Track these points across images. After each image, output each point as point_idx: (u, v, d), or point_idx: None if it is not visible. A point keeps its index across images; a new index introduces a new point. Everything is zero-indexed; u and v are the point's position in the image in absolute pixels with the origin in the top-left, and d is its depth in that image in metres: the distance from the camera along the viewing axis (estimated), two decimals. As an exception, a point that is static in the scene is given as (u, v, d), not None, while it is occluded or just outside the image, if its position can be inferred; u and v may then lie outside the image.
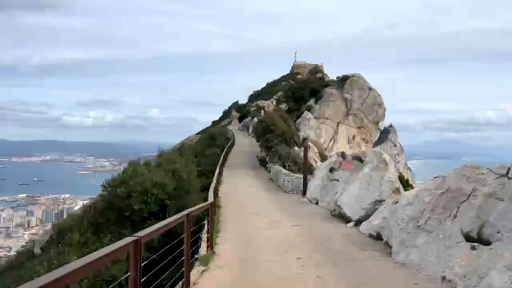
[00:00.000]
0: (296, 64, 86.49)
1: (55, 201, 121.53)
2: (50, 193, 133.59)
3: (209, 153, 40.96)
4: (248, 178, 25.23)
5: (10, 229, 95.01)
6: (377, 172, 11.51)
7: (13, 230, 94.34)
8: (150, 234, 4.25)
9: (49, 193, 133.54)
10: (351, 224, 11.22)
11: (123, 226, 11.79)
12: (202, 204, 7.80)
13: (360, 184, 11.83)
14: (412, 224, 7.68)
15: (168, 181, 12.63)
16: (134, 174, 12.34)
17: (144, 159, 14.74)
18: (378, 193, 10.91)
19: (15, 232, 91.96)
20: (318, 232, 10.46)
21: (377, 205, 10.84)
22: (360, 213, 11.19)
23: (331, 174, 15.80)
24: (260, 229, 10.98)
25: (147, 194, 11.86)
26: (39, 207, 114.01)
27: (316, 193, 16.08)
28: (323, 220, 12.13)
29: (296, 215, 13.22)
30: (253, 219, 12.54)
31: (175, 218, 5.90)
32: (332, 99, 46.92)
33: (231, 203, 16.33)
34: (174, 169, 13.40)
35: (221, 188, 21.12)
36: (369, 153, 14.08)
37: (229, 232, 10.75)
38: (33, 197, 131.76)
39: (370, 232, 9.82)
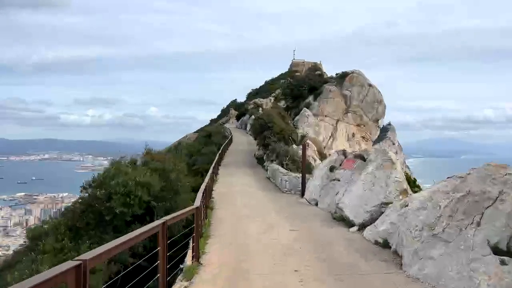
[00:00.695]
0: (295, 62, 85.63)
1: (53, 200, 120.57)
2: (48, 192, 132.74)
3: (206, 151, 39.95)
4: (244, 177, 24.25)
5: (9, 228, 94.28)
6: (383, 171, 10.52)
7: (11, 228, 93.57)
8: (100, 256, 3.25)
9: (48, 192, 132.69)
10: (354, 228, 10.23)
11: (104, 231, 10.79)
12: (186, 209, 6.82)
13: (364, 185, 10.84)
14: (426, 232, 6.69)
15: (154, 181, 11.60)
16: (117, 174, 11.32)
17: (130, 157, 13.75)
18: (384, 194, 9.92)
19: (13, 230, 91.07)
20: (318, 238, 9.47)
21: (383, 208, 9.85)
22: (364, 216, 10.20)
23: (332, 173, 14.81)
24: (255, 235, 9.99)
25: (130, 196, 10.83)
26: (38, 206, 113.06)
27: (315, 194, 15.09)
28: (323, 224, 11.14)
29: (294, 217, 12.23)
30: (247, 223, 11.55)
31: (146, 228, 4.88)
32: (331, 96, 45.89)
33: (225, 204, 15.35)
34: (161, 168, 12.35)
35: (216, 188, 20.14)
36: (373, 150, 13.09)
37: (220, 238, 9.76)
38: (32, 196, 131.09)
39: (376, 238, 8.83)
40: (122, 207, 10.65)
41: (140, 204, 11.10)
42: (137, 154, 14.00)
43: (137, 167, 12.35)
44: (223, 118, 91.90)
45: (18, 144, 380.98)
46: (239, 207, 14.50)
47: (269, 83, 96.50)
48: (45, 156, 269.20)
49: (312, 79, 47.65)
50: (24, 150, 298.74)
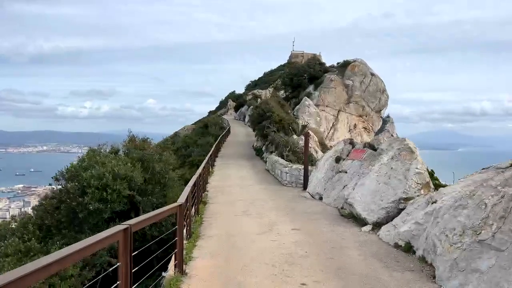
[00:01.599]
0: (294, 53, 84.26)
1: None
2: (47, 184, 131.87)
3: (202, 142, 38.49)
4: (242, 169, 22.84)
5: (7, 220, 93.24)
6: (400, 161, 9.08)
7: (9, 221, 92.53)
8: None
9: (46, 184, 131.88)
10: (367, 227, 8.81)
11: (80, 230, 9.36)
12: (163, 208, 5.39)
13: (378, 178, 9.41)
14: (469, 237, 5.26)
15: (136, 173, 10.14)
16: (91, 164, 9.85)
17: (111, 145, 12.27)
18: (403, 188, 8.48)
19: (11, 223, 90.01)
20: (326, 240, 8.05)
21: (401, 204, 8.43)
22: (378, 214, 8.78)
23: (338, 164, 13.38)
24: (252, 235, 8.57)
25: (107, 190, 9.38)
26: (36, 198, 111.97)
27: (319, 187, 13.67)
28: (331, 222, 9.72)
29: (297, 214, 10.82)
30: (244, 220, 10.14)
31: (101, 237, 3.44)
32: (332, 85, 44.25)
33: (220, 198, 13.94)
34: (145, 158, 10.86)
35: (211, 180, 18.75)
36: (385, 139, 11.64)
37: (211, 239, 8.34)
38: (30, 188, 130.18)
39: (396, 240, 7.42)
40: (98, 203, 9.21)
41: (119, 199, 9.65)
42: (119, 142, 12.54)
43: (119, 157, 10.90)
44: (221, 109, 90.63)
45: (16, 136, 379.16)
46: (235, 202, 13.08)
47: (268, 74, 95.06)
48: (43, 148, 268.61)
49: (313, 68, 45.95)
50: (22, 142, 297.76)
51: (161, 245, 8.24)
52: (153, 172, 11.17)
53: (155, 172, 11.24)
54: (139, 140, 12.78)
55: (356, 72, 45.52)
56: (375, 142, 12.10)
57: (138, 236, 11.20)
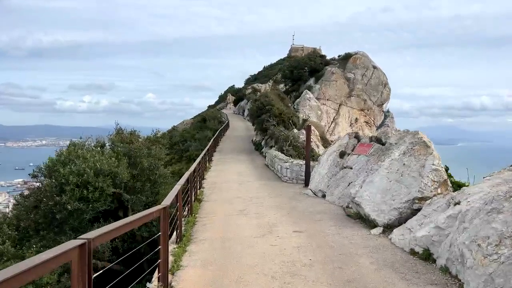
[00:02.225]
0: (294, 47, 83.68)
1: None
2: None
3: (200, 136, 37.58)
4: (240, 164, 22.00)
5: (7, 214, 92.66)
6: (414, 157, 8.20)
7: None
8: None
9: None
10: (377, 230, 7.94)
11: (61, 231, 8.50)
12: (141, 214, 4.51)
13: (388, 175, 8.53)
14: (508, 247, 4.39)
15: (121, 169, 9.25)
16: (71, 159, 8.94)
17: (96, 139, 11.35)
18: (418, 187, 7.61)
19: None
20: (332, 245, 7.19)
21: (415, 205, 7.57)
22: (389, 215, 7.92)
23: (342, 160, 12.51)
24: (250, 239, 7.72)
25: (88, 188, 8.50)
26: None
27: (322, 184, 12.80)
28: (336, 223, 8.86)
29: (298, 214, 9.97)
30: (241, 221, 9.28)
31: (45, 258, 2.57)
32: (333, 78, 43.24)
33: (217, 195, 13.09)
34: (132, 153, 9.96)
35: (208, 176, 17.92)
36: (394, 132, 10.76)
37: (204, 243, 7.49)
38: (30, 182, 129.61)
39: (412, 246, 6.55)
40: (77, 202, 8.33)
41: (103, 198, 8.77)
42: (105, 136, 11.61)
43: (103, 152, 10.00)
44: (220, 104, 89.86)
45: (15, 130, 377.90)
46: (233, 199, 12.23)
47: (267, 68, 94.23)
48: (42, 142, 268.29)
49: (313, 60, 44.92)
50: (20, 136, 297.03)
51: (154, 246, 7.40)
52: (142, 168, 10.30)
53: (144, 168, 10.36)
54: (127, 133, 11.85)
55: (358, 65, 44.52)
56: (382, 135, 11.22)
57: (127, 236, 10.38)
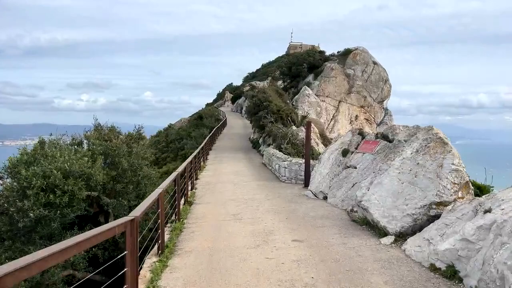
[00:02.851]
0: (292, 45, 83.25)
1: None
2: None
3: (196, 134, 36.55)
4: (237, 163, 21.01)
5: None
6: (429, 155, 7.21)
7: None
8: None
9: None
10: (388, 239, 6.95)
11: (29, 241, 7.49)
12: (97, 230, 3.50)
13: (400, 175, 7.54)
14: None
15: (96, 170, 8.22)
16: (37, 159, 7.90)
17: (71, 136, 10.32)
18: (436, 190, 6.62)
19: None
20: (338, 258, 6.19)
21: (433, 210, 6.59)
22: (403, 222, 6.93)
23: (345, 158, 11.53)
24: (243, 250, 6.72)
25: (55, 192, 7.48)
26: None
27: (323, 185, 11.82)
28: (341, 230, 7.87)
29: (298, 219, 8.97)
30: (234, 228, 8.29)
31: None
32: (333, 74, 42.19)
33: (210, 197, 12.11)
34: (106, 151, 8.90)
35: (202, 176, 16.94)
36: (404, 128, 9.78)
37: (189, 256, 6.49)
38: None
39: (432, 261, 5.56)
40: (43, 209, 7.31)
41: (75, 203, 7.75)
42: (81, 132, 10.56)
43: (77, 151, 8.96)
44: (218, 101, 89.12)
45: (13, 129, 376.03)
46: (226, 202, 11.24)
47: (266, 66, 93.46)
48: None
49: (312, 56, 43.87)
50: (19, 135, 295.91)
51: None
52: (123, 168, 9.29)
53: (125, 169, 9.35)
54: (106, 129, 10.80)
55: (358, 61, 43.50)
56: (389, 131, 10.23)
57: (108, 244, 9.39)
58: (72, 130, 14.10)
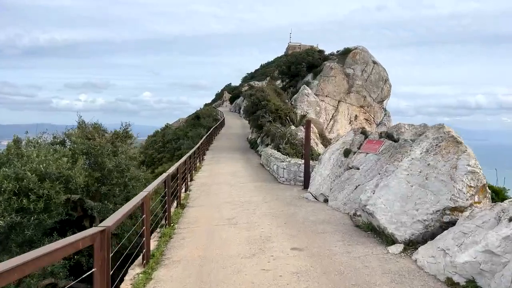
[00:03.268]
0: (291, 45, 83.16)
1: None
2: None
3: (193, 134, 35.89)
4: (234, 163, 20.37)
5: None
6: (441, 156, 6.59)
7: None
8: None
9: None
10: (396, 248, 6.33)
11: (4, 249, 6.83)
12: (57, 244, 2.88)
13: (409, 178, 6.92)
14: None
15: (76, 171, 7.56)
16: (10, 159, 7.22)
17: (53, 135, 9.63)
18: (450, 194, 6.00)
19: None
20: (342, 269, 5.57)
21: (446, 216, 5.97)
22: (413, 229, 6.31)
23: (347, 159, 10.91)
24: (236, 260, 6.09)
25: (29, 196, 6.82)
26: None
27: (324, 187, 11.20)
28: (344, 237, 7.24)
29: (297, 224, 8.34)
30: (228, 234, 7.65)
31: None
32: (332, 74, 41.60)
33: (204, 200, 11.49)
34: (88, 151, 8.23)
35: (197, 177, 16.29)
36: (410, 126, 9.17)
37: (177, 267, 5.86)
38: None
39: (449, 275, 4.94)
40: (15, 215, 6.65)
41: (53, 207, 7.09)
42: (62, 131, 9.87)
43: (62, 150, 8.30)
44: (217, 102, 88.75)
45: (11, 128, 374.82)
46: (221, 205, 10.61)
47: (265, 66, 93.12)
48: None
49: (312, 55, 43.27)
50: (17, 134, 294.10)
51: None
52: (109, 169, 8.64)
53: (110, 170, 8.70)
54: (90, 126, 10.11)
55: (358, 60, 42.92)
56: (394, 130, 9.61)
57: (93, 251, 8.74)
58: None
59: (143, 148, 45.46)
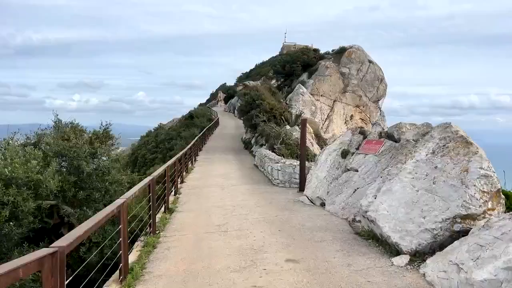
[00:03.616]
0: (286, 45, 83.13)
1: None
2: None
3: (186, 134, 35.18)
4: (227, 164, 19.77)
5: None
6: (449, 158, 6.02)
7: None
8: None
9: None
10: (401, 259, 5.74)
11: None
12: None
13: (414, 181, 6.34)
14: None
15: (47, 175, 6.90)
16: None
17: (25, 136, 8.94)
18: (461, 200, 5.43)
19: None
20: (342, 286, 4.97)
21: (457, 225, 5.40)
22: (420, 238, 5.73)
23: (345, 160, 10.33)
24: (225, 275, 5.47)
25: (-7, 205, 6.17)
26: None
27: (320, 190, 10.61)
28: (343, 246, 6.64)
29: (292, 231, 7.74)
30: (216, 243, 7.03)
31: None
32: (327, 73, 41.08)
33: (194, 204, 10.87)
34: (62, 153, 7.56)
35: (188, 179, 15.68)
36: (411, 126, 8.61)
37: (158, 283, 5.23)
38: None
39: (464, 294, 4.36)
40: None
41: (23, 216, 6.43)
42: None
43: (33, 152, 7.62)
44: (211, 101, 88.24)
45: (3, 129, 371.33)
46: (211, 209, 9.99)
47: (259, 66, 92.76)
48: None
49: (307, 54, 42.72)
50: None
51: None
52: (89, 173, 7.98)
53: (90, 173, 8.04)
54: (66, 126, 9.41)
55: (353, 59, 42.44)
56: (394, 130, 9.04)
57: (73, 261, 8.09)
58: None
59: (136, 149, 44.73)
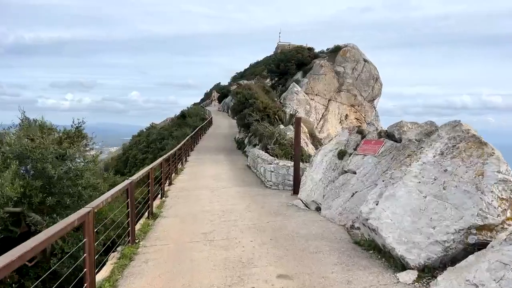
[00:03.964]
0: (280, 45, 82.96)
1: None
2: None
3: (178, 134, 34.40)
4: (218, 165, 19.05)
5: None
6: (461, 160, 5.36)
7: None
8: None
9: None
10: (408, 275, 5.06)
11: None
12: None
13: (420, 186, 5.67)
14: None
15: (5, 180, 6.15)
16: None
17: None
18: (477, 209, 4.76)
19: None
20: (342, 308, 4.28)
21: (472, 236, 4.74)
22: (429, 251, 5.05)
23: (342, 161, 9.66)
24: (206, 293, 4.76)
25: None
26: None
27: (316, 193, 9.93)
28: (341, 258, 5.96)
29: (286, 240, 7.04)
30: (200, 255, 6.31)
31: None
32: (322, 72, 40.47)
33: (180, 208, 10.14)
34: (22, 154, 6.82)
35: (177, 180, 14.96)
36: (413, 125, 7.96)
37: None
38: None
39: (487, 322, 3.68)
40: None
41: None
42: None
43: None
44: (205, 101, 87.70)
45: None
46: (198, 215, 9.27)
47: (254, 66, 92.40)
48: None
49: (301, 53, 42.08)
50: (1, 135, 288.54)
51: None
52: (60, 176, 7.23)
53: (61, 176, 7.27)
54: (34, 125, 8.65)
55: (348, 58, 41.87)
56: (395, 129, 8.38)
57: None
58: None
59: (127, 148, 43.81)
